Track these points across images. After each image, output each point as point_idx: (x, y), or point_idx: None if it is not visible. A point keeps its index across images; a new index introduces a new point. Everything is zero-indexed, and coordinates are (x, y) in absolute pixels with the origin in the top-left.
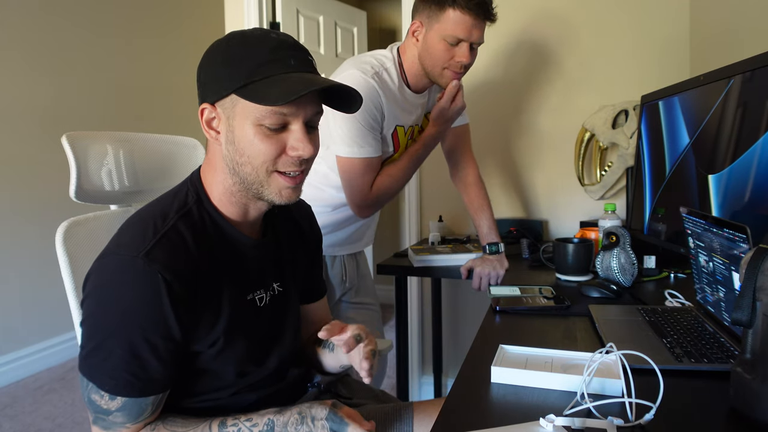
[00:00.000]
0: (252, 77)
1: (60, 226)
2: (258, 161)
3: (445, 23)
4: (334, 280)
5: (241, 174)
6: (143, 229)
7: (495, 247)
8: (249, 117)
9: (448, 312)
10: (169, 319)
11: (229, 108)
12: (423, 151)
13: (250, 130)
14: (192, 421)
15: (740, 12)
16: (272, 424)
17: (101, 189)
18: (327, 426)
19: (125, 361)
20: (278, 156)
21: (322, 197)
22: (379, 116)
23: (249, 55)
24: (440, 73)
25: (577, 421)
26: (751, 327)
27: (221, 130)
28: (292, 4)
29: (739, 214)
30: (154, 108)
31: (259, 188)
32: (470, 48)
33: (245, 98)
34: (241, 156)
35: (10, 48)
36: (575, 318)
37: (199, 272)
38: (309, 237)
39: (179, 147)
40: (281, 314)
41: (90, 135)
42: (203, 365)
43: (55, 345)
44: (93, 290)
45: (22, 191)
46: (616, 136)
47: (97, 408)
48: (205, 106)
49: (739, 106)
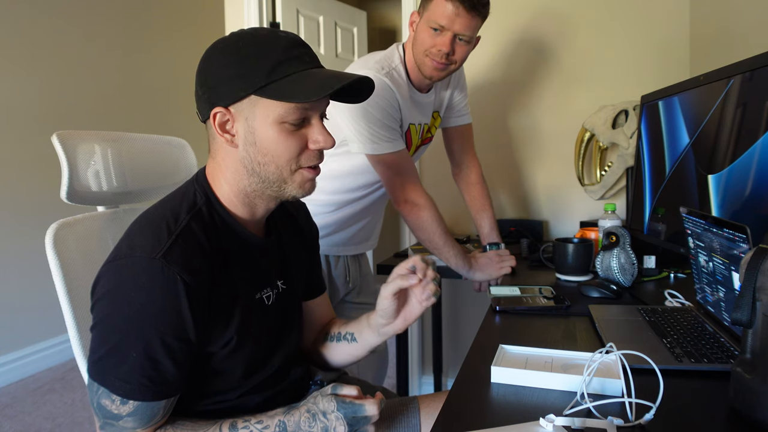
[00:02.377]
0: (272, 77)
1: (49, 228)
2: (283, 159)
3: (431, 10)
4: (338, 280)
5: (262, 174)
6: (156, 230)
7: (496, 246)
8: (271, 116)
9: (448, 312)
10: (186, 321)
11: (248, 109)
12: (445, 253)
13: (273, 128)
14: (201, 424)
15: (740, 12)
16: (284, 426)
17: (91, 190)
18: (341, 416)
19: (140, 364)
20: (302, 152)
21: (323, 197)
22: (398, 115)
23: (265, 55)
24: (422, 60)
25: (577, 421)
26: (751, 327)
27: (238, 132)
28: (292, 4)
29: (739, 214)
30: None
31: (282, 185)
32: (455, 39)
33: (269, 97)
34: (264, 156)
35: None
36: (575, 318)
37: (213, 272)
38: (307, 233)
39: (168, 147)
40: (286, 312)
41: (79, 134)
42: (214, 366)
43: (55, 345)
44: (106, 293)
45: (23, 191)
46: (616, 136)
47: (107, 413)
48: (219, 110)
49: (738, 106)
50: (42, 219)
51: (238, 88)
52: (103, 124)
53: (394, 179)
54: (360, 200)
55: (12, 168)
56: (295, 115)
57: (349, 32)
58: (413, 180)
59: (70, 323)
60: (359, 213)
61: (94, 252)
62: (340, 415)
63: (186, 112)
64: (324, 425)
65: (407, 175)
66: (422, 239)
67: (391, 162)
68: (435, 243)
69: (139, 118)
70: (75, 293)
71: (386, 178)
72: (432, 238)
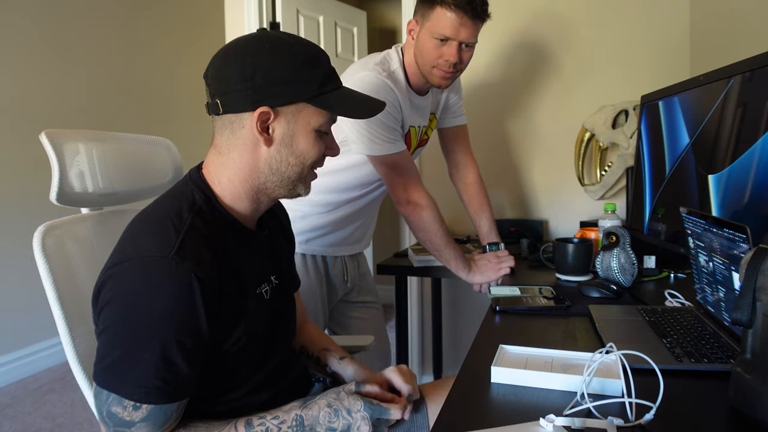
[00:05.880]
0: (323, 88)
1: (36, 231)
2: (309, 162)
3: (434, 21)
4: (336, 280)
5: (286, 173)
6: (162, 229)
7: (495, 246)
8: (312, 123)
9: (448, 312)
10: (201, 319)
11: (294, 113)
12: (445, 255)
13: (311, 134)
14: (215, 424)
15: (740, 12)
16: (301, 420)
17: (77, 191)
18: (367, 416)
19: (155, 366)
20: (322, 158)
21: (318, 198)
22: (399, 116)
23: (317, 66)
24: (429, 71)
25: (577, 421)
26: (751, 327)
27: (275, 132)
28: (292, 4)
29: (739, 214)
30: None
31: (296, 185)
32: (461, 47)
33: (320, 107)
34: (297, 158)
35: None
36: (575, 318)
37: (222, 268)
38: (287, 229)
39: (153, 147)
40: (282, 306)
41: (65, 133)
42: (225, 364)
43: (55, 345)
44: (115, 297)
45: (23, 190)
46: (616, 136)
47: (118, 421)
48: (265, 110)
49: (738, 106)
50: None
51: (294, 92)
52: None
53: (396, 180)
54: (355, 201)
55: (12, 168)
56: (328, 125)
57: (349, 32)
58: (415, 180)
59: (62, 326)
60: (354, 214)
61: (81, 254)
62: (366, 415)
63: (186, 113)
64: (347, 422)
65: (409, 176)
66: (423, 240)
67: (393, 163)
68: (436, 244)
69: (138, 118)
70: (64, 296)
71: (388, 179)
72: (433, 239)
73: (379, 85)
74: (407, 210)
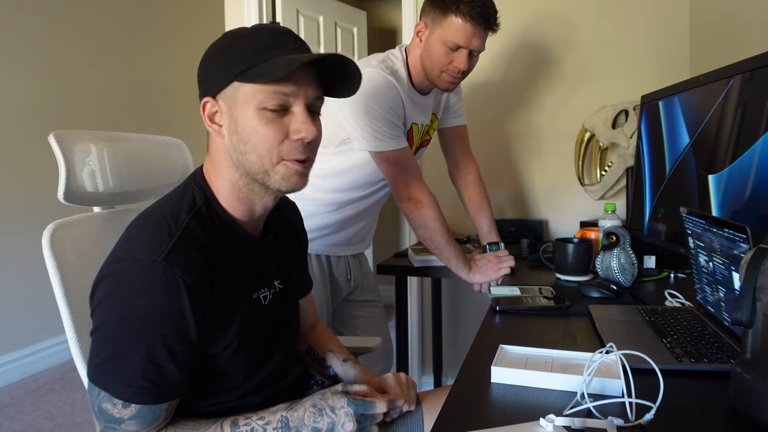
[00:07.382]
0: (252, 61)
1: (45, 229)
2: (263, 148)
3: (446, 28)
4: (340, 279)
5: (245, 164)
6: (156, 231)
7: (495, 246)
8: (251, 102)
9: (448, 312)
10: (189, 324)
11: (231, 97)
12: (446, 253)
13: (253, 115)
14: (203, 423)
15: (740, 12)
16: (286, 421)
17: (87, 190)
18: (351, 412)
19: (142, 368)
20: (282, 141)
21: (323, 196)
22: (401, 112)
23: (249, 43)
24: (438, 76)
25: (577, 421)
26: (751, 327)
27: (223, 122)
28: (292, 4)
29: (739, 214)
30: (152, 109)
31: (265, 177)
32: (470, 54)
33: (247, 81)
34: (245, 144)
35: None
36: (575, 318)
37: (215, 273)
38: (300, 233)
39: (163, 147)
40: (283, 311)
41: (75, 134)
42: (216, 367)
43: (55, 345)
44: (107, 297)
45: (23, 190)
46: (616, 136)
47: (108, 417)
48: (207, 100)
49: (739, 106)
50: (43, 218)
51: (222, 76)
52: (102, 124)
53: (398, 177)
54: (360, 201)
55: (12, 167)
56: (273, 100)
57: (349, 32)
58: (417, 178)
59: (68, 324)
60: (359, 215)
61: (90, 253)
62: (350, 411)
63: (186, 113)
64: (331, 420)
65: (411, 173)
66: (423, 238)
67: (395, 159)
68: (436, 242)
69: (138, 118)
70: (72, 294)
71: (390, 176)
72: (434, 237)
73: (381, 81)
74: (408, 207)
